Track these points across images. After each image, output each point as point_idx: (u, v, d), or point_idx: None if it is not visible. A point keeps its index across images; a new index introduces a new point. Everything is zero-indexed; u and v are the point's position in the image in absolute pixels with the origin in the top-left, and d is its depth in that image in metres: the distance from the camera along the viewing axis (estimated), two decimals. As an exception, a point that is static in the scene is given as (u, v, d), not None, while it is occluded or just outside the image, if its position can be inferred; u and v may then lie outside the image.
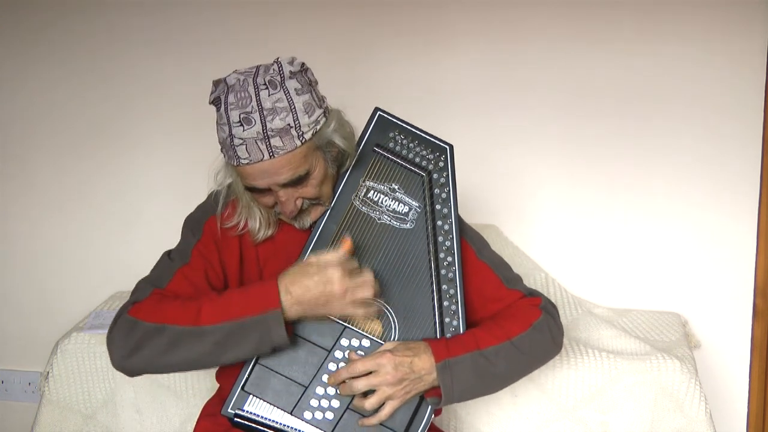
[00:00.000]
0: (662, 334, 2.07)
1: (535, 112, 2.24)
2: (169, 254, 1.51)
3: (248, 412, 1.42)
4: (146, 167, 2.40)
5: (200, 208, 1.55)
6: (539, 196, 2.27)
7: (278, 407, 1.42)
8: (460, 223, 1.52)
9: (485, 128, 2.27)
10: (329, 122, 1.40)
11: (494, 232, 2.26)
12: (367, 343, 1.44)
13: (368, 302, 1.40)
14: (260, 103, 1.33)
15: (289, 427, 1.42)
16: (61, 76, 2.40)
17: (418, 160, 1.50)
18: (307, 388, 1.42)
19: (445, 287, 1.47)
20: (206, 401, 1.69)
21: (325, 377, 1.42)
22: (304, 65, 1.40)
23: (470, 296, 1.52)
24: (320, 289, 1.36)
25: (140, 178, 2.41)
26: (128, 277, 2.38)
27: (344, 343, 1.44)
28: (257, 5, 2.30)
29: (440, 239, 1.48)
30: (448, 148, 1.52)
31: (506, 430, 1.86)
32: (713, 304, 2.23)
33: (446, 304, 1.47)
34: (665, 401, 1.84)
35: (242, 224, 1.49)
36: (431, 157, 1.51)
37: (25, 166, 2.45)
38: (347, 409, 1.42)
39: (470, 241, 1.55)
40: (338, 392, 1.42)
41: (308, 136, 1.36)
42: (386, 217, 1.48)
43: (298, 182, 1.39)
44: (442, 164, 1.51)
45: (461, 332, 1.46)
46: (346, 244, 1.40)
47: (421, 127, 1.52)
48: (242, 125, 1.33)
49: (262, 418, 1.42)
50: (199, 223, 1.51)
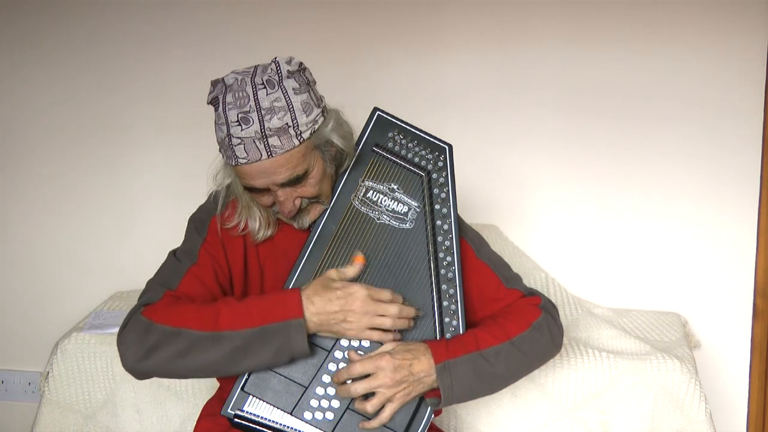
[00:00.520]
0: (662, 334, 2.07)
1: (535, 112, 2.24)
2: (175, 254, 1.50)
3: (248, 412, 1.42)
4: (146, 167, 2.40)
5: (202, 208, 1.55)
6: (539, 196, 2.27)
7: (278, 407, 1.42)
8: (459, 222, 1.52)
9: (485, 128, 2.27)
10: (327, 122, 1.40)
11: (494, 232, 2.26)
12: (366, 343, 1.44)
13: (385, 331, 1.41)
14: (258, 102, 1.33)
15: (289, 427, 1.42)
16: (61, 75, 2.40)
17: (417, 159, 1.50)
18: (307, 388, 1.42)
19: (444, 287, 1.47)
20: (206, 401, 1.69)
21: (325, 377, 1.42)
22: (302, 65, 1.40)
23: (470, 296, 1.52)
24: (341, 304, 1.36)
25: (140, 178, 2.41)
26: (128, 277, 2.40)
27: (344, 343, 1.43)
28: (257, 5, 2.30)
29: (440, 239, 1.48)
30: (447, 147, 1.52)
31: (506, 430, 1.86)
32: (713, 304, 2.23)
33: (446, 303, 1.47)
34: (665, 401, 1.84)
35: (242, 225, 1.48)
36: (430, 156, 1.50)
37: (24, 165, 2.45)
38: (347, 409, 1.42)
39: (469, 240, 1.55)
40: (337, 395, 1.42)
41: (306, 135, 1.36)
42: (385, 217, 1.48)
43: (296, 182, 1.39)
44: (441, 164, 1.51)
45: (461, 332, 1.46)
46: (358, 259, 1.42)
47: (420, 126, 1.52)
48: (240, 125, 1.33)
49: (262, 418, 1.42)
50: (203, 222, 1.51)
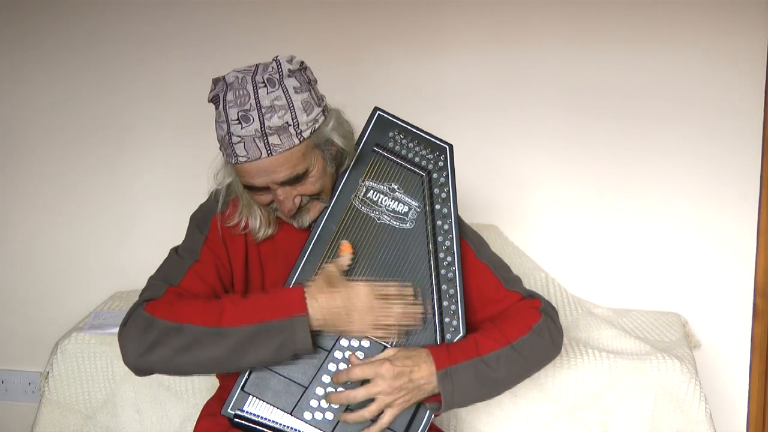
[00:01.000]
0: (662, 334, 2.07)
1: (535, 112, 2.24)
2: (176, 251, 1.50)
3: (248, 412, 1.42)
4: (146, 167, 2.40)
5: (204, 206, 1.55)
6: (539, 196, 2.28)
7: (278, 407, 1.42)
8: (459, 223, 1.52)
9: (485, 128, 2.27)
10: (328, 121, 1.40)
11: (494, 232, 2.26)
12: (366, 343, 1.44)
13: (389, 328, 1.40)
14: (258, 101, 1.33)
15: (288, 427, 1.42)
16: (61, 75, 2.40)
17: (417, 159, 1.50)
18: (306, 388, 1.42)
19: (444, 287, 1.47)
20: (206, 401, 1.69)
21: (324, 378, 1.42)
22: (303, 64, 1.40)
23: (469, 297, 1.52)
24: (345, 301, 1.36)
25: (140, 177, 2.41)
26: (128, 277, 2.40)
27: (344, 343, 1.43)
28: (257, 5, 2.30)
29: (440, 239, 1.48)
30: (447, 147, 1.51)
31: (506, 430, 1.86)
32: (713, 304, 2.23)
33: (446, 304, 1.47)
34: (665, 401, 1.84)
35: (243, 223, 1.48)
36: (431, 156, 1.50)
37: (24, 165, 2.45)
38: (347, 409, 1.42)
39: (469, 241, 1.55)
40: (338, 396, 1.41)
41: (306, 134, 1.36)
42: (386, 216, 1.48)
43: (296, 180, 1.38)
44: (441, 164, 1.50)
45: (461, 332, 1.46)
46: (345, 248, 1.41)
47: (420, 126, 1.52)
48: (240, 123, 1.33)
49: (262, 418, 1.42)
50: (205, 220, 1.51)
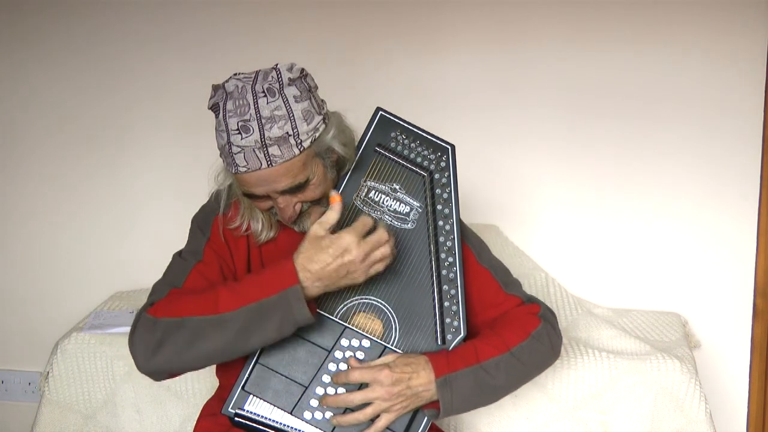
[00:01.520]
0: (662, 334, 2.07)
1: (535, 112, 2.24)
2: (180, 254, 1.50)
3: (248, 411, 1.42)
4: (146, 167, 2.40)
5: (205, 207, 1.55)
6: (539, 196, 2.28)
7: (278, 407, 1.42)
8: (461, 225, 1.52)
9: (485, 128, 2.27)
10: (329, 129, 1.39)
11: (494, 232, 2.26)
12: (367, 343, 1.44)
13: (388, 258, 1.38)
14: (258, 111, 1.32)
15: (289, 426, 1.42)
16: (61, 75, 2.40)
17: (419, 160, 1.50)
18: (307, 388, 1.42)
19: (446, 287, 1.47)
20: (206, 401, 1.69)
21: (325, 377, 1.42)
22: (303, 71, 1.39)
23: (469, 300, 1.52)
24: (338, 261, 1.33)
25: (140, 178, 2.41)
26: (128, 277, 2.40)
27: (344, 343, 1.44)
28: (257, 5, 2.30)
29: (441, 239, 1.48)
30: (449, 148, 1.51)
31: (506, 430, 1.86)
32: (713, 304, 2.23)
33: (447, 304, 1.47)
34: (665, 401, 1.84)
35: (245, 226, 1.48)
36: (433, 157, 1.50)
37: (24, 165, 2.45)
38: (347, 409, 1.42)
39: (471, 245, 1.55)
40: (335, 399, 1.41)
41: (307, 144, 1.35)
42: (387, 217, 1.48)
43: (297, 190, 1.38)
44: (443, 164, 1.50)
45: (462, 333, 1.46)
46: (334, 200, 1.38)
47: (422, 126, 1.52)
48: (240, 133, 1.32)
49: (262, 417, 1.42)
50: (207, 222, 1.51)
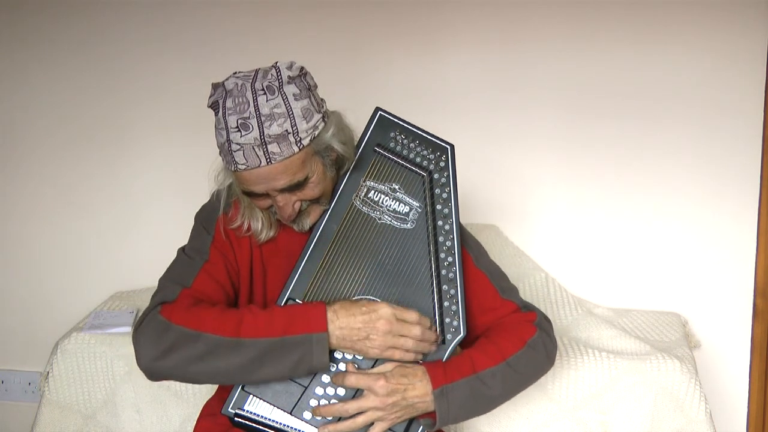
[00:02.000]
0: (662, 334, 2.07)
1: (535, 112, 2.24)
2: (184, 251, 1.50)
3: (248, 411, 1.42)
4: (146, 167, 2.40)
5: (207, 206, 1.55)
6: (539, 196, 2.28)
7: (278, 407, 1.42)
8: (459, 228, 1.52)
9: (485, 128, 2.27)
10: (328, 127, 1.39)
11: (494, 232, 2.26)
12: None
13: (406, 353, 1.41)
14: (258, 108, 1.32)
15: (288, 426, 1.42)
16: (61, 75, 2.40)
17: (418, 160, 1.50)
18: (306, 388, 1.42)
19: (445, 287, 1.47)
20: (206, 401, 1.69)
21: (324, 378, 1.42)
22: (303, 69, 1.39)
23: (467, 303, 1.52)
24: (365, 322, 1.37)
25: (140, 178, 2.41)
26: (128, 277, 2.40)
27: (344, 343, 1.44)
28: (257, 5, 2.30)
29: (441, 239, 1.48)
30: (449, 147, 1.51)
31: (506, 430, 1.86)
32: (713, 304, 2.23)
33: (446, 304, 1.47)
34: (665, 401, 1.84)
35: (246, 225, 1.48)
36: (432, 157, 1.50)
37: (24, 165, 2.45)
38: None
39: (469, 248, 1.55)
40: (329, 409, 1.41)
41: (306, 142, 1.35)
42: (387, 217, 1.48)
43: (296, 187, 1.38)
44: (443, 164, 1.50)
45: (462, 332, 1.46)
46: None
47: (421, 126, 1.52)
48: (240, 131, 1.33)
49: (262, 417, 1.42)
50: (210, 221, 1.51)
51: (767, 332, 2.21)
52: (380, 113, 1.51)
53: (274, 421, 1.42)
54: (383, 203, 1.49)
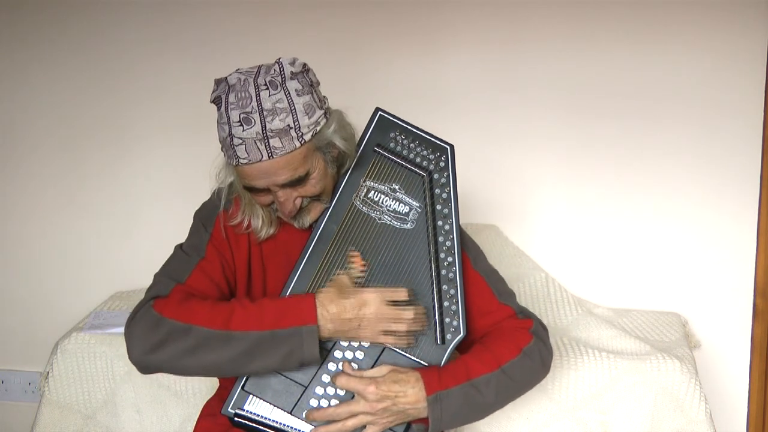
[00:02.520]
0: (662, 334, 2.07)
1: (535, 112, 2.24)
2: (181, 248, 1.50)
3: (248, 411, 1.42)
4: (146, 167, 2.40)
5: (207, 204, 1.55)
6: (539, 196, 2.28)
7: (278, 407, 1.42)
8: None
9: (485, 128, 2.27)
10: (330, 123, 1.40)
11: (494, 232, 2.26)
12: (366, 343, 1.44)
13: (400, 335, 1.41)
14: (260, 103, 1.33)
15: (288, 426, 1.42)
16: (61, 75, 2.40)
17: (418, 160, 1.50)
18: (306, 387, 1.42)
19: (445, 287, 1.47)
20: (206, 401, 1.69)
21: (324, 377, 1.42)
22: (305, 66, 1.39)
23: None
24: (356, 311, 1.37)
25: (140, 178, 2.41)
26: (128, 277, 2.40)
27: (344, 343, 1.43)
28: (257, 5, 2.30)
29: (441, 239, 1.48)
30: (448, 148, 1.51)
31: (506, 430, 1.86)
32: (713, 304, 2.23)
33: (446, 304, 1.47)
34: (665, 401, 1.84)
35: (246, 222, 1.48)
36: (432, 157, 1.50)
37: (24, 165, 2.45)
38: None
39: (467, 250, 1.55)
40: (321, 413, 1.41)
41: (308, 137, 1.36)
42: (387, 217, 1.48)
43: (297, 183, 1.38)
44: (442, 164, 1.50)
45: (461, 332, 1.46)
46: (356, 260, 1.43)
47: (421, 126, 1.52)
48: (242, 125, 1.33)
49: (262, 417, 1.42)
50: (210, 218, 1.51)
51: (767, 332, 2.21)
52: (380, 113, 1.51)
53: (274, 421, 1.42)
54: (383, 203, 1.49)
